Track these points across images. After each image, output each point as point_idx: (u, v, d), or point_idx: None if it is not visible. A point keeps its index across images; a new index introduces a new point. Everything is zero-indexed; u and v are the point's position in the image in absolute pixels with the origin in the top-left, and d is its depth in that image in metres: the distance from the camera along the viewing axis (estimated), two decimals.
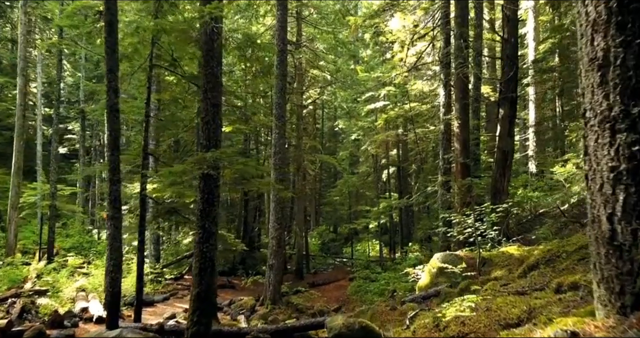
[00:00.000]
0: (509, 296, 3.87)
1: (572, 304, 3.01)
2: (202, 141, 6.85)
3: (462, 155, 12.27)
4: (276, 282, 13.87)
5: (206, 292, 6.61)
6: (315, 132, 32.39)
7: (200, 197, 6.79)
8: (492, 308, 3.46)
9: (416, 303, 7.48)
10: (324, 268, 26.40)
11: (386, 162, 25.91)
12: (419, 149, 19.43)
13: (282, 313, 13.50)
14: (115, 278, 7.88)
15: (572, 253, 5.15)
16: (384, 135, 22.32)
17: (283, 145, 14.26)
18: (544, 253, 5.57)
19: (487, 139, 20.82)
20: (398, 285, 14.97)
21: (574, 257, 5.06)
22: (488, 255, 8.26)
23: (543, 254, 5.56)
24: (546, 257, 5.49)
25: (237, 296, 15.98)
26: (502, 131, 12.14)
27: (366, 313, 7.33)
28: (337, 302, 16.66)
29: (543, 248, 5.77)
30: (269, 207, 14.21)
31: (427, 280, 8.58)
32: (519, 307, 3.28)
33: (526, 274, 5.52)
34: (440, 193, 12.50)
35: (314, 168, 29.18)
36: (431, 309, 4.71)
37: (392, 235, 25.93)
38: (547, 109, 24.98)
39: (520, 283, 4.73)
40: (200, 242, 6.71)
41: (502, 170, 12.07)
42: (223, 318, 12.65)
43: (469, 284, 6.81)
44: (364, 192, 29.48)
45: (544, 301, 3.22)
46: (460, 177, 12.29)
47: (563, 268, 4.87)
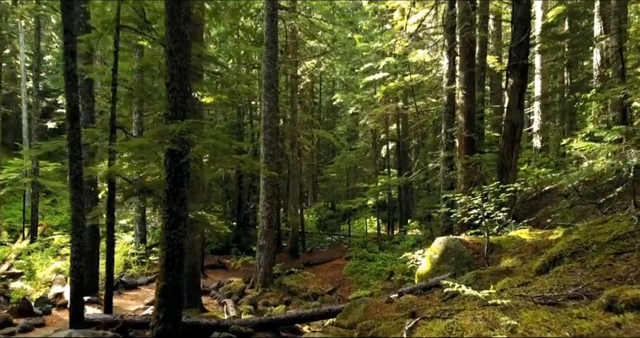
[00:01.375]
0: (538, 308, 2.98)
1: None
2: (168, 111, 5.87)
3: (466, 128, 11.28)
4: (267, 263, 13.09)
5: (174, 285, 5.74)
6: (312, 107, 31.35)
7: (166, 176, 5.85)
8: (517, 331, 2.57)
9: (416, 295, 6.64)
10: (321, 246, 25.72)
11: (385, 137, 24.87)
12: (419, 123, 18.39)
13: (273, 297, 12.78)
14: (79, 267, 7.02)
15: (606, 245, 4.24)
16: (383, 109, 21.21)
17: (273, 118, 13.24)
18: (568, 244, 4.66)
19: (492, 112, 19.79)
20: (396, 267, 14.23)
21: (608, 250, 4.16)
22: (496, 240, 7.38)
23: (567, 245, 4.65)
24: (572, 248, 4.58)
25: (228, 277, 15.25)
26: (511, 102, 11.10)
27: (359, 307, 6.49)
28: (332, 283, 15.95)
29: (567, 238, 4.86)
30: (260, 184, 13.31)
31: (428, 267, 7.73)
32: (557, 330, 2.39)
33: (547, 269, 4.63)
34: (442, 170, 11.56)
35: (311, 143, 28.19)
36: (433, 317, 3.82)
37: (390, 211, 25.14)
38: (554, 81, 23.82)
39: (545, 284, 3.83)
40: (168, 228, 5.81)
41: (511, 145, 11.08)
42: (209, 303, 11.91)
43: (476, 276, 5.94)
44: (362, 168, 28.59)
45: (593, 325, 2.33)
46: (464, 152, 11.34)
47: (596, 265, 3.97)
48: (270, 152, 13.06)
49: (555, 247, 4.91)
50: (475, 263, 7.11)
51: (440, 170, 11.61)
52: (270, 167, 13.10)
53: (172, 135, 5.46)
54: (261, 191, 13.11)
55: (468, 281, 5.89)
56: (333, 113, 38.59)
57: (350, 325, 6.13)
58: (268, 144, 13.01)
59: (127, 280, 12.63)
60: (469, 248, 7.35)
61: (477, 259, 7.17)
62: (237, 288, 12.77)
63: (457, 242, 7.46)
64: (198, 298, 10.47)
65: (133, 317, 7.32)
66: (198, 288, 10.48)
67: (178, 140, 5.59)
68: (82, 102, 11.11)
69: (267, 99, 13.02)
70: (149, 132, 5.84)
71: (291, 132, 20.41)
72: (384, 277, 14.29)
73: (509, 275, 5.58)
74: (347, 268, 17.13)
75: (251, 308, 11.39)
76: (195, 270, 10.33)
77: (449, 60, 11.79)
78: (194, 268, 10.29)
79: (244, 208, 25.48)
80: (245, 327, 7.10)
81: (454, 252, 7.38)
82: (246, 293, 12.85)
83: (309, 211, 32.81)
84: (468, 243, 7.43)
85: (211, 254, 21.36)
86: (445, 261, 7.43)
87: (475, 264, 7.08)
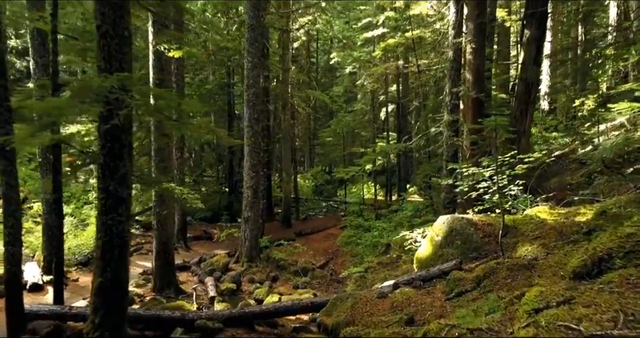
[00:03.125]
0: None
1: None
2: (100, 62, 4.54)
3: (474, 88, 9.92)
4: (252, 236, 12.05)
5: (114, 281, 4.62)
6: (309, 66, 29.65)
7: (100, 146, 4.60)
8: None
9: (414, 287, 5.54)
10: (316, 213, 24.74)
11: (385, 98, 23.38)
12: (421, 82, 16.92)
13: (259, 272, 11.81)
14: (14, 253, 5.89)
15: None
16: (382, 68, 19.65)
17: (258, 76, 11.82)
18: (620, 240, 3.48)
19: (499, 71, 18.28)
20: (393, 239, 13.21)
21: None
22: (510, 220, 6.22)
23: (619, 241, 3.47)
24: (625, 246, 3.40)
25: (213, 250, 14.27)
26: (527, 57, 9.72)
27: (345, 303, 5.41)
28: (325, 255, 14.98)
29: (617, 231, 3.66)
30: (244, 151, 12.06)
31: (429, 250, 6.61)
32: None
33: (590, 272, 3.46)
34: (445, 135, 10.28)
35: (306, 105, 26.68)
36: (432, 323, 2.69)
37: (388, 176, 23.92)
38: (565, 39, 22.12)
39: (600, 306, 2.67)
40: (104, 212, 4.62)
41: (525, 106, 9.79)
42: (188, 281, 10.92)
43: (489, 270, 4.80)
44: (360, 132, 27.20)
45: None
46: (471, 115, 10.03)
47: None
48: (255, 115, 11.73)
49: (599, 241, 3.72)
50: (486, 248, 5.98)
51: (443, 136, 10.34)
52: (255, 132, 11.83)
53: (99, 93, 4.16)
54: (245, 158, 11.88)
55: (479, 278, 4.75)
56: (330, 73, 36.83)
57: (334, 326, 5.04)
58: (252, 105, 11.66)
59: None
60: (478, 230, 6.20)
61: (488, 244, 6.03)
62: (220, 263, 11.76)
63: (464, 223, 6.29)
64: (172, 277, 9.45)
65: (84, 309, 6.26)
66: (172, 267, 9.45)
67: (108, 101, 4.29)
68: (35, 56, 9.75)
69: (250, 55, 11.56)
70: (70, 88, 4.55)
71: (283, 93, 18.94)
72: (380, 250, 13.29)
73: (532, 272, 4.44)
74: (341, 239, 16.14)
75: (233, 286, 10.41)
76: (168, 247, 9.26)
77: (456, 9, 10.27)
78: (165, 245, 9.21)
79: (235, 174, 24.32)
80: (213, 321, 6.05)
81: (460, 234, 6.23)
82: (230, 269, 11.86)
83: (305, 176, 31.68)
84: (477, 224, 6.27)
85: (200, 222, 20.39)
86: (450, 245, 6.30)
87: (485, 250, 5.95)
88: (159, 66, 8.84)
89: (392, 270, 10.74)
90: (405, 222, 13.96)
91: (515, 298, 3.51)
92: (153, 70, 8.89)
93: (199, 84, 21.21)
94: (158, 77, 8.82)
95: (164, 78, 8.86)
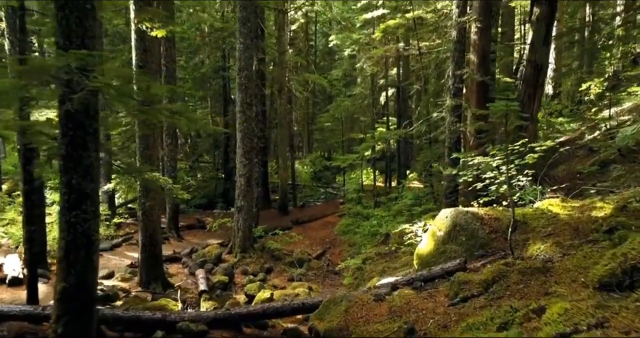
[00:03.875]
0: None
1: None
2: (58, 38, 3.98)
3: (479, 70, 9.32)
4: (246, 226, 11.57)
5: (79, 286, 4.13)
6: (307, 49, 28.90)
7: (61, 135, 4.07)
8: None
9: (414, 289, 5.05)
10: (314, 200, 24.28)
11: (385, 82, 22.69)
12: (422, 64, 16.29)
13: (253, 263, 11.37)
14: None
15: None
16: (382, 50, 18.94)
17: (250, 58, 11.20)
18: None
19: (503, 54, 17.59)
20: (392, 228, 12.76)
21: None
22: (519, 214, 5.70)
23: None
24: None
25: (206, 239, 13.83)
26: (536, 37, 9.09)
27: (339, 306, 4.93)
28: (321, 244, 14.55)
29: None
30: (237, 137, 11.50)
31: (431, 246, 6.11)
32: None
33: (621, 283, 2.96)
34: (448, 121, 9.72)
35: (304, 89, 26.00)
36: None
37: (388, 162, 23.34)
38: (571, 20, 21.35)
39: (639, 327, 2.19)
40: (67, 208, 4.10)
41: (532, 90, 9.19)
42: (179, 273, 10.49)
43: (498, 274, 4.31)
44: (359, 117, 26.55)
45: None
46: (475, 100, 9.46)
47: None
48: (248, 100, 11.15)
49: (630, 245, 3.21)
50: (493, 246, 5.49)
51: (445, 121, 9.77)
52: (247, 117, 11.26)
53: (55, 72, 3.61)
54: (238, 145, 11.34)
55: (487, 282, 4.26)
56: (330, 57, 36.08)
57: (326, 333, 4.57)
58: (244, 89, 11.08)
59: None
60: (484, 225, 5.69)
61: (495, 240, 5.53)
62: (212, 254, 11.31)
63: (469, 217, 5.78)
64: (159, 271, 9.00)
65: None
66: (159, 260, 8.98)
67: (65, 82, 3.73)
68: (10, 36, 9.13)
69: (242, 35, 10.93)
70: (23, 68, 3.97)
71: (278, 76, 18.29)
72: (379, 240, 12.84)
73: (548, 277, 3.95)
74: (339, 227, 15.70)
75: (225, 279, 9.99)
76: (154, 239, 8.77)
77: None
78: (152, 237, 8.72)
79: (231, 160, 23.76)
80: (197, 323, 5.59)
81: (465, 229, 5.73)
82: (223, 260, 11.42)
83: (304, 162, 31.14)
84: (483, 219, 5.76)
85: (195, 209, 19.94)
86: (453, 241, 5.81)
87: (492, 247, 5.46)
88: (142, 47, 8.25)
89: (390, 261, 10.29)
90: (405, 211, 13.49)
91: (533, 313, 3.01)
92: (135, 51, 8.29)
93: (194, 67, 20.50)
94: (141, 58, 8.23)
95: (147, 60, 8.27)
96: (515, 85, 12.77)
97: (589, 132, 13.24)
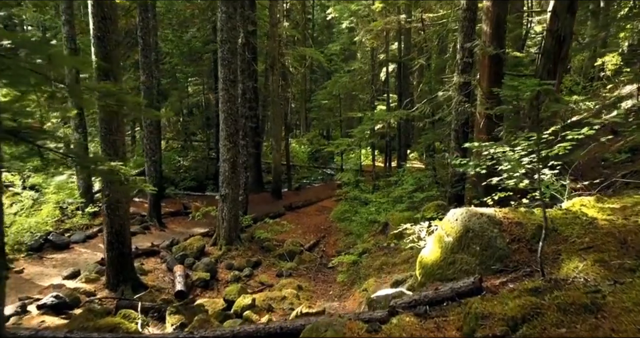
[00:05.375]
0: None
1: None
2: None
3: (493, 42, 8.10)
4: (231, 216, 10.57)
5: None
6: (305, 23, 27.45)
7: None
8: None
9: (417, 316, 4.03)
10: (311, 182, 23.27)
11: (385, 57, 21.35)
12: (426, 35, 14.99)
13: (239, 256, 10.42)
14: None
15: None
16: (382, 23, 17.57)
17: (233, 29, 9.97)
18: None
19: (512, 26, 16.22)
20: (391, 216, 11.76)
21: None
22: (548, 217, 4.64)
23: None
24: None
25: (192, 228, 12.83)
26: (559, 4, 7.85)
27: (324, 334, 3.93)
28: (316, 232, 13.58)
29: None
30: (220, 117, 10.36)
31: (437, 253, 5.08)
32: None
33: None
34: (455, 100, 8.57)
35: (300, 65, 24.68)
36: None
37: (388, 141, 22.16)
38: None
39: None
40: None
41: (553, 65, 8.00)
42: (155, 269, 9.52)
43: (530, 308, 3.27)
44: (358, 94, 25.25)
45: None
46: (487, 76, 8.28)
47: None
48: (231, 76, 9.98)
49: None
50: (514, 259, 4.44)
51: (452, 101, 8.62)
52: (231, 96, 10.11)
53: None
54: (220, 127, 10.26)
55: (515, 319, 3.24)
56: (328, 31, 34.48)
57: None
58: (227, 64, 9.89)
59: (55, 239, 10.13)
60: (503, 232, 4.63)
61: (518, 252, 4.48)
62: (194, 247, 10.33)
63: (484, 221, 4.72)
64: (130, 270, 8.01)
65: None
66: (128, 258, 7.97)
67: None
68: None
69: (224, 3, 9.68)
70: None
71: (270, 50, 17.00)
72: (377, 229, 11.87)
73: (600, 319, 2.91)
74: (335, 213, 14.73)
75: (207, 276, 9.07)
76: (122, 236, 7.75)
77: None
78: (119, 234, 7.69)
79: None
80: None
81: (479, 236, 4.68)
82: (206, 253, 10.46)
83: (301, 141, 29.99)
84: (501, 223, 4.71)
85: (185, 192, 18.90)
86: (464, 250, 4.76)
87: (514, 261, 4.41)
88: (100, 14, 7.05)
89: (389, 255, 9.32)
90: (405, 197, 12.45)
91: None
92: (92, 19, 7.10)
93: (179, 40, 19.12)
94: (99, 27, 7.04)
95: (107, 29, 7.08)
96: (532, 60, 11.55)
97: (606, 111, 12.09)
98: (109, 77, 7.15)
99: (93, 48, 7.10)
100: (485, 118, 8.21)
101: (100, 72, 7.12)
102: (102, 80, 7.17)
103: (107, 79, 7.13)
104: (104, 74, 7.13)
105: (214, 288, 8.99)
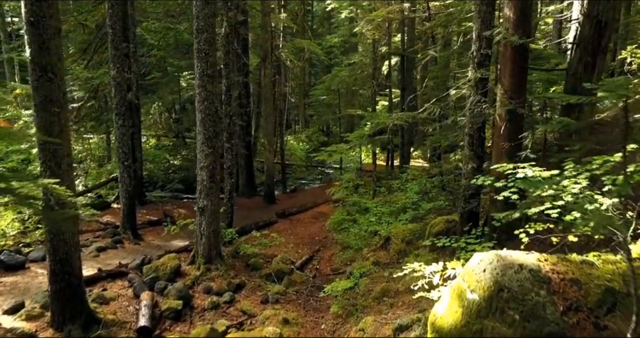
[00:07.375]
0: None
1: None
2: None
3: (517, 30, 6.68)
4: (210, 231, 9.25)
5: None
6: (303, 14, 26.02)
7: None
8: None
9: None
10: (308, 182, 21.91)
11: (387, 50, 19.87)
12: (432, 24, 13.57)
13: (219, 277, 9.11)
14: None
15: None
16: (384, 12, 16.13)
17: (211, 17, 8.56)
18: None
19: None
20: (393, 228, 10.44)
21: None
22: (611, 270, 3.30)
23: None
24: None
25: (171, 241, 11.49)
26: None
27: None
28: (309, 245, 12.24)
29: None
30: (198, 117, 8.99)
31: (457, 316, 3.73)
32: None
33: None
34: (471, 100, 7.18)
35: (296, 58, 23.20)
36: None
37: (390, 139, 20.68)
38: None
39: None
40: None
41: (591, 57, 6.65)
42: (120, 296, 8.17)
43: None
44: (358, 89, 23.79)
45: None
46: (509, 72, 6.88)
47: None
48: (209, 70, 8.61)
49: None
50: (571, 336, 3.09)
51: (468, 101, 7.23)
52: (209, 93, 8.74)
53: None
54: (197, 129, 8.89)
55: None
56: (328, 22, 33.00)
57: None
58: (204, 57, 8.52)
59: (7, 258, 8.77)
60: (554, 295, 3.29)
61: (577, 327, 3.13)
62: (167, 267, 8.98)
63: (526, 278, 3.37)
64: (81, 305, 6.67)
65: None
66: (78, 290, 6.62)
67: None
68: None
69: None
70: None
71: (263, 42, 15.58)
72: (378, 243, 10.54)
73: None
74: (331, 222, 13.35)
75: (179, 305, 7.80)
76: (69, 265, 6.41)
77: None
78: (65, 262, 6.35)
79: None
80: None
81: (518, 299, 3.33)
82: (183, 274, 9.12)
83: (299, 138, 28.60)
84: (550, 281, 3.35)
85: (174, 193, 17.56)
86: (497, 316, 3.42)
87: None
88: None
89: (393, 281, 7.97)
90: (409, 208, 11.10)
91: None
92: (24, 1, 5.73)
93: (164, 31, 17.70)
94: (32, 11, 5.68)
95: (43, 14, 5.71)
96: (560, 51, 10.16)
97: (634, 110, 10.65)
98: (47, 72, 5.80)
99: (26, 36, 5.75)
100: (507, 121, 6.83)
101: (35, 66, 5.77)
102: (38, 76, 5.83)
103: (44, 74, 5.79)
104: (40, 68, 5.77)
105: (187, 320, 7.69)
